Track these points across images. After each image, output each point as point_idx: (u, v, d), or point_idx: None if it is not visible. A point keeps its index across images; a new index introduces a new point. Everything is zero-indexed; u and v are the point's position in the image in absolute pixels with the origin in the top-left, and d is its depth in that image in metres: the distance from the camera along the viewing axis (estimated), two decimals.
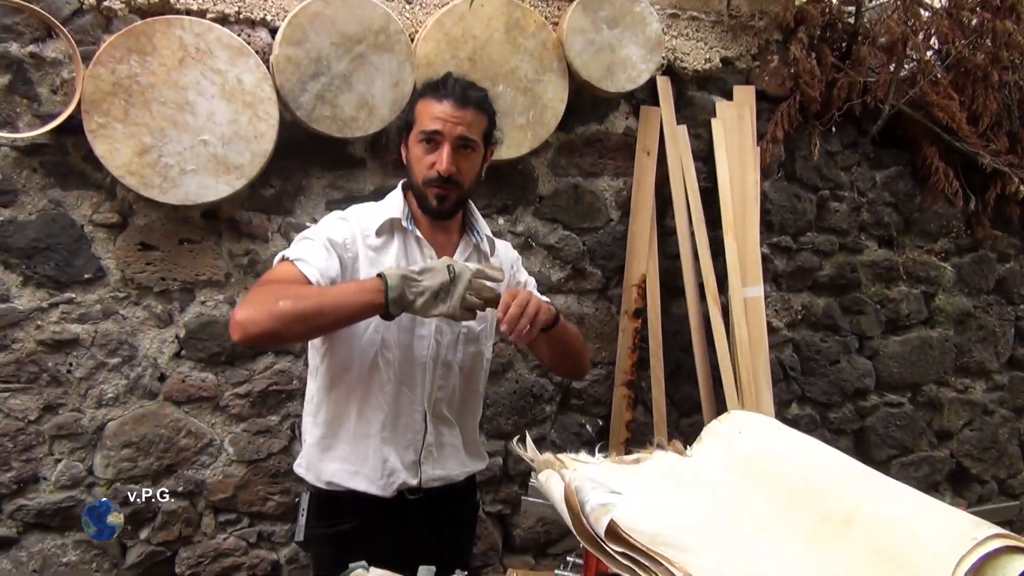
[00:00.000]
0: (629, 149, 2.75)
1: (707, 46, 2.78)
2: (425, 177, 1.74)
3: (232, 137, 2.16)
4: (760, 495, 1.32)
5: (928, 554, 1.03)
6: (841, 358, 3.18)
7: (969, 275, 3.41)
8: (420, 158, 1.75)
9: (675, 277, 2.79)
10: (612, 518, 1.06)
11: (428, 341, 1.80)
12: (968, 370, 3.48)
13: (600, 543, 1.06)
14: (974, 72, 3.02)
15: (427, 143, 1.74)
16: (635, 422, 2.79)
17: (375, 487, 1.78)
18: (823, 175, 3.05)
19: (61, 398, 2.20)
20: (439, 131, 1.72)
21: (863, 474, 1.29)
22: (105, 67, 2.05)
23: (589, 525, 1.08)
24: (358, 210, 1.85)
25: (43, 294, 2.17)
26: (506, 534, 2.76)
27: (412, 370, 1.80)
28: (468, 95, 1.77)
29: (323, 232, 1.74)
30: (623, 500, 1.12)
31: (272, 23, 2.26)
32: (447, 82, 1.79)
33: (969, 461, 3.52)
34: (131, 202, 2.22)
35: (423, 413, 1.83)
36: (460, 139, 1.73)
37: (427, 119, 1.74)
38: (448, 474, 1.88)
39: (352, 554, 1.58)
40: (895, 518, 1.14)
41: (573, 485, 1.13)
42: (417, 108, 1.78)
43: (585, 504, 1.10)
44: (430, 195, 1.75)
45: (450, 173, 1.72)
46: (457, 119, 1.72)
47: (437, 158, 1.72)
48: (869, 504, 1.18)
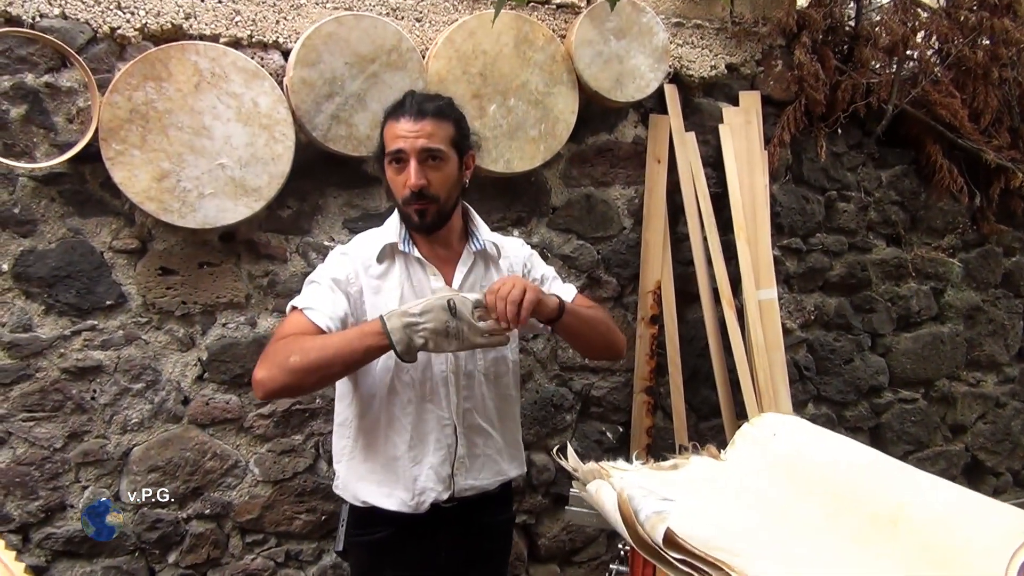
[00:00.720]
0: (639, 158, 2.77)
1: (712, 53, 2.81)
2: (402, 197, 1.76)
3: (249, 160, 2.17)
4: (804, 497, 1.33)
5: (979, 549, 1.05)
6: (855, 356, 3.20)
7: (976, 270, 3.43)
8: (394, 180, 1.78)
9: (689, 283, 2.81)
10: (669, 525, 1.07)
11: (444, 355, 1.81)
12: (979, 364, 3.50)
13: (657, 550, 1.07)
14: (974, 70, 3.05)
15: (396, 163, 1.76)
16: (655, 428, 2.80)
17: (407, 507, 1.81)
18: (830, 176, 3.07)
19: (86, 425, 2.21)
20: (402, 149, 1.73)
21: (904, 471, 1.30)
22: (121, 95, 2.06)
23: (645, 533, 1.09)
24: (358, 241, 1.88)
25: (65, 322, 2.17)
26: (531, 544, 2.76)
27: (435, 386, 1.82)
28: (424, 107, 1.76)
29: (327, 274, 1.80)
30: (676, 507, 1.13)
31: (284, 45, 2.27)
32: (405, 100, 1.81)
33: (984, 454, 3.54)
34: (150, 227, 2.22)
35: (452, 426, 1.84)
36: (423, 152, 1.73)
37: (390, 140, 1.76)
38: (481, 484, 1.89)
39: (386, 560, 1.61)
40: (942, 514, 1.15)
41: (626, 494, 1.14)
42: (384, 133, 1.80)
43: (639, 512, 1.11)
44: (411, 213, 1.77)
45: (420, 187, 1.72)
46: (416, 132, 1.73)
47: (406, 176, 1.74)
48: (914, 501, 1.20)
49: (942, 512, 1.16)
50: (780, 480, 1.41)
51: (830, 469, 1.38)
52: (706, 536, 1.10)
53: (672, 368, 2.76)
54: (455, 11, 2.45)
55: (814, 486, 1.35)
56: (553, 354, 2.71)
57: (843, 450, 1.43)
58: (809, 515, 1.29)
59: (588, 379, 2.76)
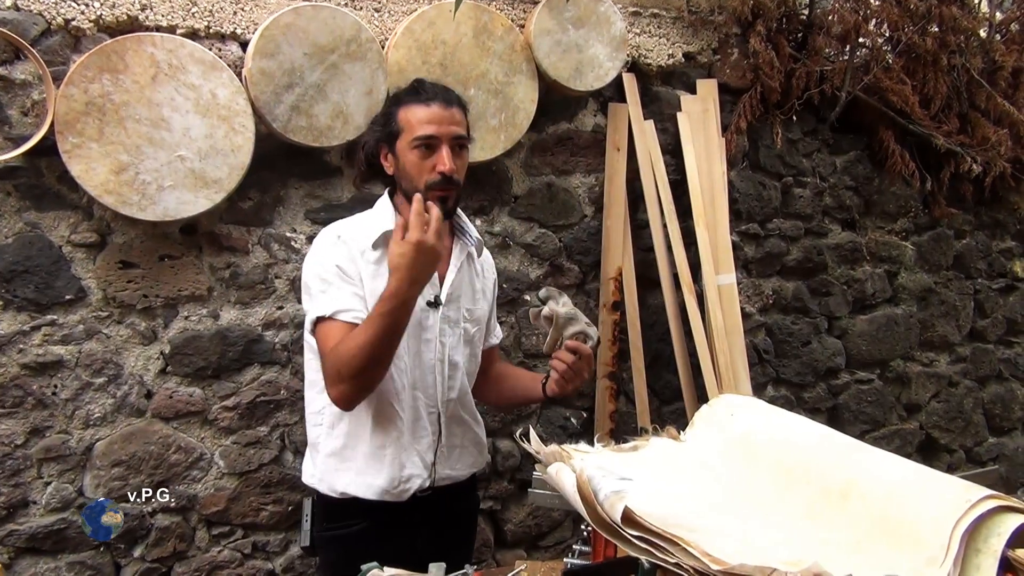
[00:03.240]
0: (599, 146, 2.80)
1: (669, 42, 2.84)
2: (428, 182, 1.74)
3: (209, 151, 2.16)
4: (758, 475, 1.36)
5: (926, 519, 1.08)
6: (812, 339, 3.27)
7: (929, 252, 3.52)
8: (417, 164, 1.75)
9: (650, 269, 2.85)
10: (627, 504, 1.09)
11: (434, 344, 1.84)
12: (932, 344, 3.60)
13: (616, 529, 1.10)
14: (924, 57, 3.13)
15: (424, 149, 1.74)
16: (618, 412, 2.84)
17: (389, 496, 1.81)
18: (786, 162, 3.13)
19: (47, 420, 2.19)
20: (435, 135, 1.74)
21: (855, 447, 1.34)
22: (77, 87, 2.04)
23: (604, 512, 1.12)
24: (350, 226, 1.85)
25: (24, 317, 2.15)
26: (497, 530, 2.79)
27: (424, 374, 1.84)
28: (451, 96, 1.80)
29: (330, 264, 1.76)
30: (634, 486, 1.16)
31: (243, 36, 2.26)
32: (426, 86, 1.81)
33: (937, 432, 3.64)
34: (109, 221, 2.21)
35: (437, 414, 1.87)
36: (456, 138, 1.77)
37: (418, 125, 1.74)
38: (456, 474, 1.93)
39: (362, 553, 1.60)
40: (891, 488, 1.19)
41: (585, 475, 1.16)
42: (400, 117, 1.78)
43: (598, 492, 1.14)
44: (434, 199, 1.73)
45: (452, 172, 1.74)
46: (449, 119, 1.75)
47: (438, 160, 1.73)
48: (864, 476, 1.23)
49: (891, 485, 1.20)
50: (736, 458, 1.45)
51: (784, 446, 1.42)
52: (664, 514, 1.13)
53: (634, 353, 2.81)
54: (414, 1, 2.46)
55: (768, 463, 1.39)
56: (517, 341, 2.74)
57: (797, 428, 1.47)
58: (763, 491, 1.33)
59: None
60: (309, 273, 1.80)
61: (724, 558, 1.03)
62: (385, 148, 1.82)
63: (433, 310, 1.83)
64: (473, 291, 1.94)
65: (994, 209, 3.68)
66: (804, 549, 1.14)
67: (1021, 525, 1.03)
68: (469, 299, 1.92)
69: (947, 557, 1.02)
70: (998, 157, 3.29)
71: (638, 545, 1.08)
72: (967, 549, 1.04)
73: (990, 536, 1.04)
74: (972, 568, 1.03)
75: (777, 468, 1.36)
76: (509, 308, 2.71)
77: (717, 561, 1.01)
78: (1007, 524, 1.03)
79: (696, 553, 1.04)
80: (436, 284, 1.83)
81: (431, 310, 1.82)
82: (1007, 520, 1.04)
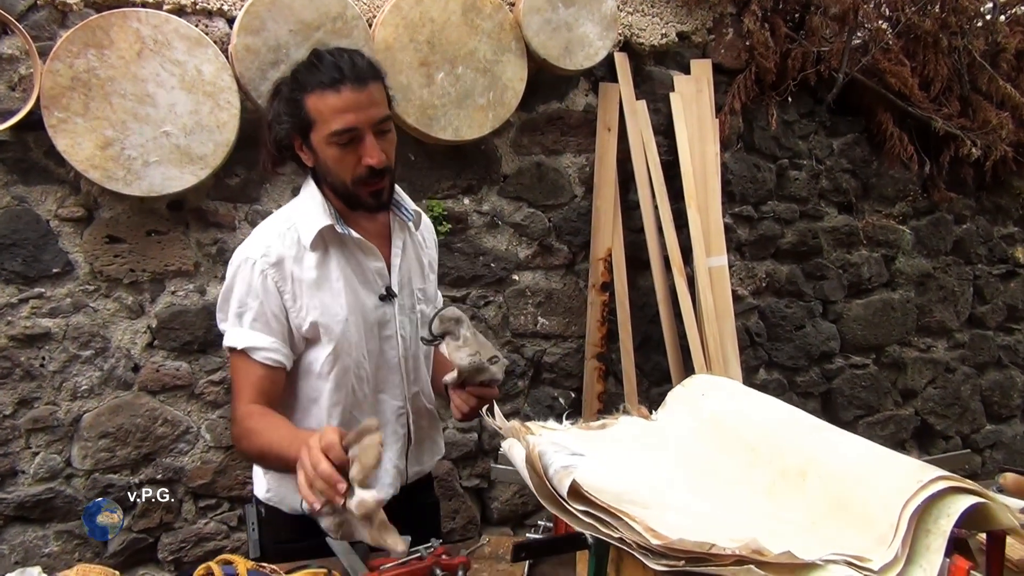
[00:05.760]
0: (590, 126, 2.79)
1: (663, 21, 2.82)
2: (354, 177, 1.53)
3: (194, 127, 2.17)
4: (723, 454, 1.37)
5: (877, 499, 1.09)
6: (806, 323, 3.26)
7: (927, 237, 3.49)
8: (340, 159, 1.53)
9: (640, 250, 2.84)
10: (575, 478, 1.10)
11: (395, 339, 1.69)
12: (930, 330, 3.58)
13: (562, 503, 1.11)
14: (924, 38, 3.09)
15: (342, 142, 1.51)
16: (607, 393, 2.85)
17: None
18: (781, 144, 3.11)
19: (36, 392, 2.22)
20: (355, 126, 1.50)
21: (817, 428, 1.34)
22: (63, 62, 2.05)
23: (552, 487, 1.12)
24: (268, 236, 1.59)
25: (12, 290, 2.18)
26: (484, 508, 2.82)
27: (387, 375, 1.70)
28: (361, 70, 1.52)
29: (249, 294, 1.56)
30: (585, 461, 1.16)
31: (229, 13, 2.27)
32: (327, 63, 1.52)
33: (933, 418, 3.63)
34: (96, 196, 2.23)
35: (406, 415, 1.74)
36: (378, 123, 1.53)
37: (333, 117, 1.49)
38: (424, 468, 1.84)
39: None
40: (847, 468, 1.19)
41: (536, 450, 1.17)
42: (310, 106, 1.51)
43: (549, 468, 1.15)
44: (363, 194, 1.56)
45: (381, 163, 1.52)
46: (367, 102, 1.50)
47: (364, 153, 1.52)
48: (823, 456, 1.24)
49: (847, 465, 1.20)
50: (704, 437, 1.45)
51: (750, 426, 1.42)
52: (619, 491, 1.13)
53: (623, 334, 2.81)
54: None
55: (734, 442, 1.39)
56: (505, 321, 2.74)
57: (764, 408, 1.47)
58: (727, 470, 1.33)
59: (540, 345, 2.80)
60: (228, 292, 1.59)
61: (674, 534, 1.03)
62: (299, 140, 1.56)
63: (387, 304, 1.66)
64: (421, 267, 1.77)
65: (995, 194, 3.63)
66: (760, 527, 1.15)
67: (971, 506, 1.03)
68: (419, 277, 1.76)
69: (896, 536, 1.03)
70: (999, 141, 3.25)
71: (583, 520, 1.09)
72: (917, 529, 1.04)
73: (940, 516, 1.04)
74: (922, 548, 1.04)
75: (742, 447, 1.36)
76: (497, 287, 2.72)
77: (658, 536, 1.02)
78: (957, 505, 1.03)
79: (639, 528, 1.04)
80: (384, 274, 1.66)
81: (385, 304, 1.66)
82: (958, 501, 1.04)
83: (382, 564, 1.37)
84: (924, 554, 1.02)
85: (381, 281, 1.65)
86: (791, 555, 0.97)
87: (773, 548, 0.99)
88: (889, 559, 1.00)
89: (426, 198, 2.58)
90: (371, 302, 1.63)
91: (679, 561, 0.98)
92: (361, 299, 1.62)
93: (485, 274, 2.69)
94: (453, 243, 2.63)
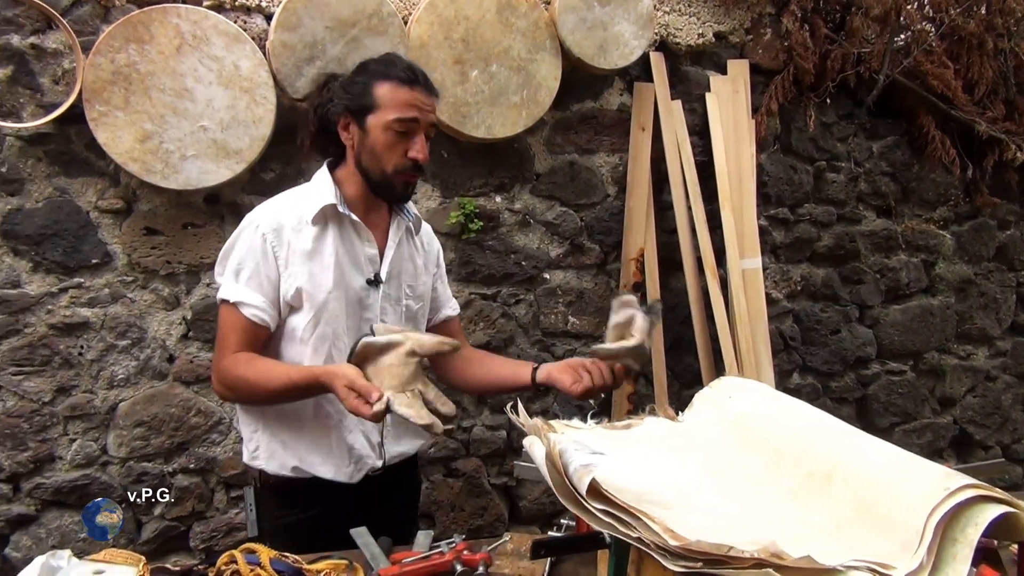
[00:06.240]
0: (624, 125, 2.78)
1: (700, 21, 2.80)
2: (397, 166, 1.67)
3: (231, 122, 2.20)
4: (748, 455, 1.35)
5: (904, 505, 1.07)
6: (842, 327, 3.21)
7: (969, 243, 3.42)
8: (391, 145, 1.66)
9: (673, 251, 2.82)
10: (594, 477, 1.10)
11: (376, 322, 1.74)
12: (970, 337, 3.50)
13: (581, 502, 1.10)
14: (969, 40, 3.03)
15: (399, 130, 1.65)
16: (637, 395, 2.84)
17: (343, 475, 1.74)
18: (819, 146, 3.07)
19: (74, 380, 2.27)
20: (417, 119, 1.66)
21: (845, 432, 1.32)
22: (104, 56, 2.09)
23: (572, 485, 1.12)
24: (280, 205, 1.73)
25: (52, 279, 2.23)
26: (512, 506, 2.82)
27: None
28: (431, 82, 1.72)
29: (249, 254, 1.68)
30: (605, 460, 1.16)
31: (267, 9, 2.30)
32: (406, 65, 1.71)
33: (972, 427, 3.55)
34: (135, 188, 2.27)
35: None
36: (430, 127, 1.71)
37: (400, 107, 1.65)
38: (404, 450, 1.86)
39: (317, 538, 1.51)
40: (874, 473, 1.18)
41: (557, 448, 1.17)
42: (379, 93, 1.66)
43: (568, 466, 1.14)
44: (398, 183, 1.70)
45: (425, 161, 1.69)
46: (429, 107, 1.69)
47: (412, 147, 1.66)
48: (850, 461, 1.22)
49: (874, 470, 1.19)
50: (730, 439, 1.44)
51: (777, 428, 1.40)
52: (640, 490, 1.13)
53: (654, 335, 2.78)
54: None
55: (760, 445, 1.38)
56: (535, 319, 2.74)
57: (792, 411, 1.46)
58: (752, 472, 1.32)
59: (570, 344, 2.80)
60: (230, 249, 1.72)
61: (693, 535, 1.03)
62: (349, 119, 1.70)
63: (373, 289, 1.76)
64: (414, 267, 1.86)
65: None
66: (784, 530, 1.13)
67: (1000, 515, 1.00)
68: (410, 275, 1.85)
69: (921, 543, 1.01)
70: None
71: (601, 519, 1.08)
72: (944, 538, 1.02)
73: (967, 525, 1.02)
74: (948, 557, 1.02)
75: (768, 450, 1.35)
76: (528, 286, 2.72)
77: (676, 537, 1.01)
78: (986, 514, 1.01)
79: (657, 529, 1.04)
80: (376, 262, 1.76)
81: (371, 289, 1.75)
82: (986, 510, 1.01)
83: (403, 557, 1.38)
84: (950, 563, 1.00)
85: (372, 267, 1.76)
86: (811, 559, 0.96)
87: (795, 551, 0.98)
88: (914, 567, 0.98)
89: (458, 195, 2.59)
90: (358, 283, 1.73)
91: (697, 563, 0.98)
92: (348, 278, 1.71)
93: (516, 272, 2.69)
94: (484, 241, 2.64)
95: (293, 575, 1.25)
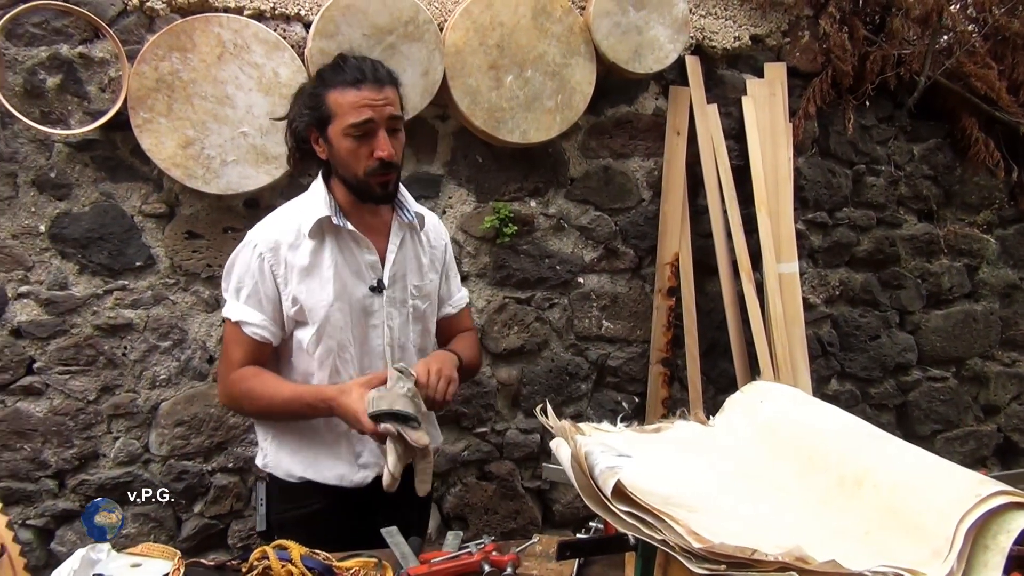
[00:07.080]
0: (659, 129, 2.78)
1: (736, 24, 2.79)
2: (366, 169, 1.67)
3: (270, 128, 2.25)
4: (778, 460, 1.35)
5: (934, 511, 1.06)
6: (881, 333, 3.16)
7: (1014, 247, 3.35)
8: (353, 151, 1.67)
9: (708, 255, 2.81)
10: (619, 479, 1.10)
11: (382, 328, 1.79)
12: (1015, 343, 3.42)
13: (606, 504, 1.11)
14: (1013, 40, 2.97)
15: (357, 135, 1.65)
16: (671, 399, 2.83)
17: (347, 482, 1.78)
18: (858, 149, 3.03)
19: (117, 379, 2.33)
20: (372, 119, 1.64)
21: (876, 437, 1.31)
22: (148, 65, 2.15)
23: (597, 487, 1.13)
24: (275, 222, 1.77)
25: (98, 281, 2.29)
26: (545, 509, 2.82)
27: (372, 361, 1.79)
28: (381, 74, 1.69)
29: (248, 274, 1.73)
30: (631, 463, 1.17)
31: (306, 18, 2.34)
32: (352, 64, 1.69)
33: (1017, 435, 3.47)
34: (177, 193, 2.33)
35: None
36: (391, 120, 1.67)
37: (351, 111, 1.64)
38: None
39: (322, 534, 1.53)
40: (905, 478, 1.17)
41: (583, 450, 1.18)
42: (331, 102, 1.66)
43: (595, 468, 1.15)
44: (374, 185, 1.69)
45: (391, 157, 1.67)
46: (383, 100, 1.65)
47: (376, 146, 1.66)
48: (881, 466, 1.21)
49: (905, 476, 1.18)
50: (760, 443, 1.44)
51: (808, 433, 1.40)
52: (666, 493, 1.13)
53: (689, 340, 2.78)
54: None
55: (790, 449, 1.37)
56: (569, 323, 2.75)
57: (823, 416, 1.45)
58: (781, 476, 1.32)
59: (604, 349, 2.80)
60: (231, 267, 1.78)
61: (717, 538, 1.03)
62: (316, 133, 1.71)
63: (377, 295, 1.77)
64: (419, 265, 1.86)
65: None
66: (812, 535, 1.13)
67: None
68: (416, 275, 1.85)
69: (951, 550, 1.00)
70: None
71: (627, 521, 1.09)
72: (975, 545, 1.02)
73: (999, 533, 1.01)
74: (979, 564, 1.01)
75: (798, 454, 1.35)
76: (562, 290, 2.73)
77: (700, 539, 1.01)
78: (1018, 521, 1.00)
79: (681, 531, 1.04)
80: (377, 267, 1.77)
81: (375, 295, 1.77)
82: (1018, 517, 1.00)
83: (432, 557, 1.39)
84: (981, 570, 0.99)
85: (373, 274, 1.77)
86: (836, 563, 0.96)
87: (822, 556, 0.97)
88: (944, 573, 0.98)
89: (493, 200, 2.61)
90: (360, 292, 1.75)
91: (720, 565, 0.98)
92: (349, 288, 1.74)
93: (550, 276, 2.70)
94: (519, 245, 2.65)
95: (324, 572, 1.27)
